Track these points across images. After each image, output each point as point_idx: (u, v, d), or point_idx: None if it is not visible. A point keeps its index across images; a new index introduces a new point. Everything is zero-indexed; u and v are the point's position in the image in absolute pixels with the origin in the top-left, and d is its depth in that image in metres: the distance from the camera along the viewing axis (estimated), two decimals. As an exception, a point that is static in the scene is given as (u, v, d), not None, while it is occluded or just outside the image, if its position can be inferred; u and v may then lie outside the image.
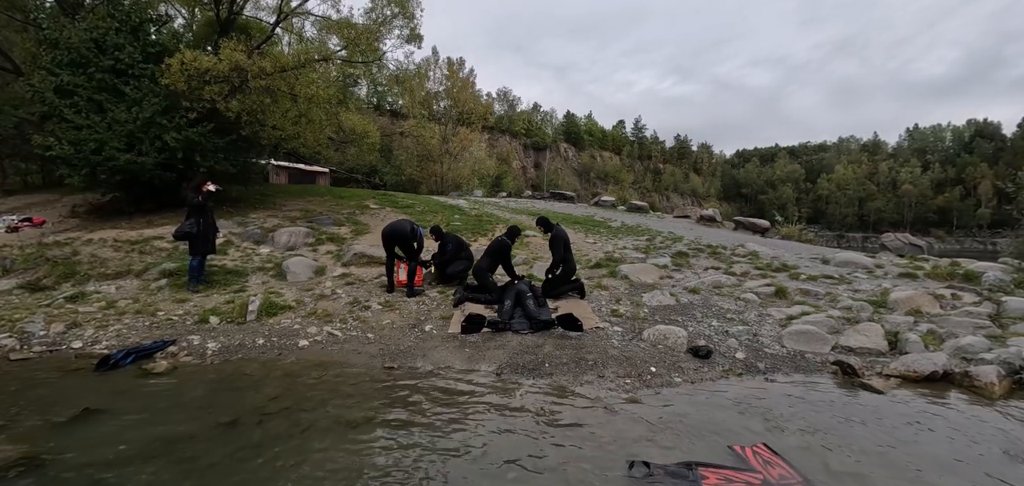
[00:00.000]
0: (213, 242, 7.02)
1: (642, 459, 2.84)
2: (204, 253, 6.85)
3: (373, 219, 11.95)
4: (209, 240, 6.87)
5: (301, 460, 2.88)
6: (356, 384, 4.12)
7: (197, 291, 6.64)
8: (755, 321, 5.67)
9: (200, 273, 6.85)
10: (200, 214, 6.68)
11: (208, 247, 6.90)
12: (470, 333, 5.30)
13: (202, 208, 6.72)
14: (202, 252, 6.81)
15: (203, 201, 6.75)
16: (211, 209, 6.96)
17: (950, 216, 74.43)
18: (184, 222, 6.72)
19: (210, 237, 6.89)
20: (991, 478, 2.75)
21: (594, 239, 11.38)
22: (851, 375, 4.24)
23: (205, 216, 6.74)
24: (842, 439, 3.18)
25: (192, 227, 6.62)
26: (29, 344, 4.92)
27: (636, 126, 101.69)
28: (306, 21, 16.13)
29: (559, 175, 73.59)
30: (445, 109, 31.75)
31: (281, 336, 5.26)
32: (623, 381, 4.14)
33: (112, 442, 3.07)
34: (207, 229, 6.79)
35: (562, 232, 6.75)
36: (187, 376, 4.29)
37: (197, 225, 6.63)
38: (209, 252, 6.97)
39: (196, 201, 6.70)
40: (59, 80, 9.88)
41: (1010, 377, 3.99)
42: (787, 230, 16.24)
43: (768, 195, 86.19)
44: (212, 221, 6.96)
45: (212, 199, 6.99)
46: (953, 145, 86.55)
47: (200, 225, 6.66)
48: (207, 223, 6.79)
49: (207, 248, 6.88)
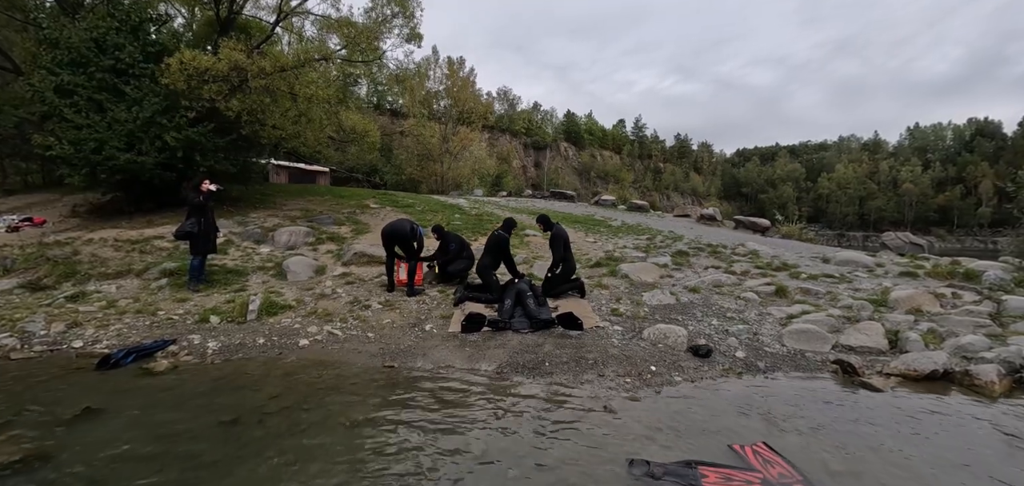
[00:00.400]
0: (214, 242, 7.02)
1: (642, 458, 2.85)
2: (205, 253, 6.86)
3: (373, 218, 11.95)
4: (210, 240, 6.88)
5: (302, 459, 2.89)
6: (356, 383, 4.12)
7: (198, 291, 6.64)
8: (755, 320, 5.67)
9: (201, 273, 6.85)
10: (201, 214, 6.68)
11: (209, 247, 6.90)
12: (470, 332, 5.31)
13: (203, 208, 6.72)
14: (203, 252, 6.81)
15: (204, 201, 6.76)
16: (212, 209, 6.96)
17: (951, 215, 74.37)
18: (185, 222, 6.73)
19: (211, 237, 6.90)
20: (991, 477, 2.75)
21: (594, 238, 11.38)
22: (851, 374, 4.25)
23: (206, 215, 6.75)
24: (842, 438, 3.18)
25: (193, 227, 6.63)
26: (30, 343, 4.92)
27: (636, 125, 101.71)
28: (306, 20, 16.13)
29: (559, 174, 73.58)
30: (445, 108, 31.74)
31: (281, 335, 5.26)
32: (623, 380, 4.15)
33: (114, 441, 3.07)
34: (208, 229, 6.80)
35: (562, 231, 6.75)
36: (188, 375, 4.30)
37: (198, 225, 6.64)
38: (210, 252, 6.97)
39: (197, 201, 6.71)
40: (59, 80, 9.88)
41: (1010, 376, 3.99)
42: (787, 229, 16.24)
43: (768, 194, 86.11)
44: (212, 220, 6.97)
45: (213, 199, 6.99)
46: (954, 144, 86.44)
47: (201, 225, 6.67)
48: (208, 223, 6.80)
49: (208, 248, 6.88)
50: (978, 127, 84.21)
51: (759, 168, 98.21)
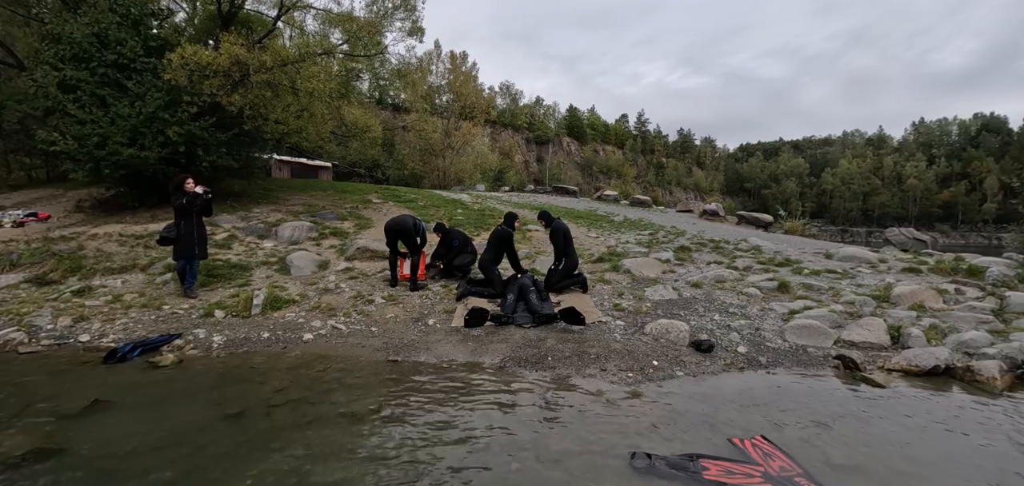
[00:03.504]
0: (200, 248, 6.37)
1: (644, 450, 2.87)
2: (187, 257, 6.26)
3: (376, 214, 11.98)
4: (193, 244, 6.24)
5: (308, 451, 2.92)
6: (361, 377, 4.16)
7: (193, 295, 6.27)
8: (757, 315, 5.68)
9: (186, 276, 6.34)
10: (183, 216, 6.17)
11: (191, 251, 6.25)
12: (473, 327, 5.33)
13: (187, 211, 6.18)
14: (183, 256, 6.24)
15: (188, 203, 6.19)
16: (200, 212, 6.35)
17: (955, 211, 74.01)
18: (168, 224, 6.32)
19: (195, 241, 6.27)
20: (992, 471, 2.76)
21: (597, 234, 11.39)
22: (853, 369, 4.26)
23: (190, 219, 6.20)
24: (843, 432, 3.19)
25: (170, 231, 6.18)
26: (37, 337, 4.97)
27: (639, 120, 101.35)
28: (308, 14, 16.05)
29: (562, 169, 73.43)
30: (447, 103, 31.67)
31: (286, 330, 5.30)
32: (625, 374, 4.17)
33: (122, 433, 3.11)
34: (191, 232, 6.20)
35: (562, 225, 6.78)
36: (194, 369, 4.34)
37: (177, 228, 6.16)
38: (194, 257, 6.32)
39: (179, 203, 6.17)
40: (62, 75, 9.90)
41: (1012, 371, 3.99)
42: (790, 225, 16.20)
43: (771, 189, 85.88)
44: (198, 223, 6.34)
45: (199, 201, 6.29)
46: (959, 139, 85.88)
47: (181, 228, 6.16)
48: (192, 226, 6.22)
49: (189, 252, 6.24)
50: (984, 122, 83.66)
51: (762, 163, 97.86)
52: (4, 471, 2.67)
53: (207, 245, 6.67)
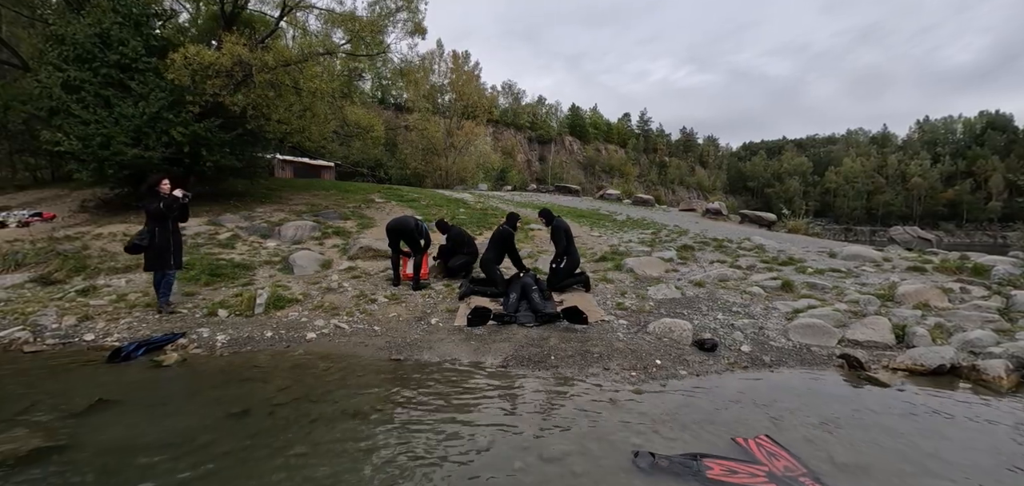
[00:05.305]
0: (177, 256, 5.72)
1: (647, 449, 2.86)
2: (159, 269, 5.60)
3: (378, 213, 11.99)
4: (168, 253, 5.57)
5: (311, 449, 2.92)
6: (363, 376, 4.16)
7: (170, 309, 5.61)
8: (761, 314, 5.66)
9: (161, 287, 5.66)
10: (157, 222, 5.48)
11: (166, 261, 5.57)
12: (476, 326, 5.33)
13: (163, 216, 5.50)
14: (157, 267, 5.58)
15: (166, 208, 5.50)
16: (176, 218, 5.73)
17: (960, 209, 73.56)
18: (140, 230, 5.59)
19: (171, 250, 5.60)
20: (997, 470, 2.74)
21: (599, 233, 11.37)
22: (857, 368, 4.23)
23: (164, 225, 5.52)
24: (847, 431, 3.18)
25: (143, 238, 5.45)
26: (42, 337, 5.00)
27: (642, 119, 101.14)
28: (310, 14, 16.10)
29: (564, 169, 73.37)
30: (449, 103, 31.68)
31: (289, 329, 5.31)
32: (628, 373, 4.16)
33: (126, 431, 3.13)
34: (166, 241, 5.53)
35: (563, 223, 6.78)
36: (197, 368, 4.36)
37: (151, 235, 5.45)
38: (167, 268, 5.63)
39: (153, 207, 5.46)
40: (66, 75, 9.96)
41: (1018, 371, 3.96)
42: (794, 224, 16.13)
43: (775, 188, 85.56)
44: (174, 230, 5.68)
45: (176, 206, 5.63)
46: (964, 137, 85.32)
47: (155, 236, 5.45)
48: (167, 233, 5.54)
49: (164, 262, 5.55)
50: (989, 120, 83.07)
51: (765, 162, 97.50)
52: (10, 468, 2.68)
53: (183, 253, 6.00)
